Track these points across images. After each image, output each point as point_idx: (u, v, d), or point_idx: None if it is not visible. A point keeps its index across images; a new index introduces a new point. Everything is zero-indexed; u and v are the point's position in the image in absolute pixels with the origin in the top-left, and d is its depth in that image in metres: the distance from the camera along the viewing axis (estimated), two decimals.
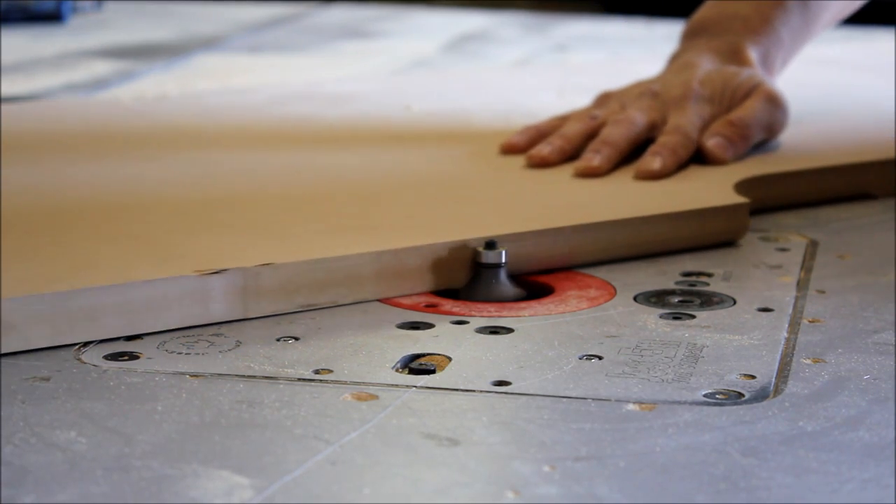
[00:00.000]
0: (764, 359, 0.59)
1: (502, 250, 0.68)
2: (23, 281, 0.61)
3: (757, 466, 0.48)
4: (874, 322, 0.65)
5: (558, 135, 0.88)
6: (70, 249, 0.68)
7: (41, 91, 1.30)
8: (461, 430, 0.51)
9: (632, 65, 1.21)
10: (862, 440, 0.51)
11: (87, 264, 0.65)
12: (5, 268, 0.63)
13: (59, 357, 0.59)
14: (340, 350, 0.60)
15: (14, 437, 0.50)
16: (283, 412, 0.53)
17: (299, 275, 0.65)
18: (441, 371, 0.58)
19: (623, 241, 0.74)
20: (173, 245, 0.69)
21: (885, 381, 0.57)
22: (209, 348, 0.60)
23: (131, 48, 1.64)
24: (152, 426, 0.51)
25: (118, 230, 0.72)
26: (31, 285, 0.61)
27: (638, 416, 0.53)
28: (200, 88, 1.31)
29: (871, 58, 1.39)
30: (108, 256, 0.67)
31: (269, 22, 1.93)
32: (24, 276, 0.62)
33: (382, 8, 2.12)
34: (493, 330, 0.63)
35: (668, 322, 0.64)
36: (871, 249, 0.77)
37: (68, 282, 0.61)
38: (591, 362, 0.59)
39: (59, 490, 0.46)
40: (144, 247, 0.68)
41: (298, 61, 1.58)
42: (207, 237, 0.70)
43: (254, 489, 0.46)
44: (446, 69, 1.48)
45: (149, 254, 0.67)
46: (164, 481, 0.47)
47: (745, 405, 0.54)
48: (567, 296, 0.68)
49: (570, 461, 0.49)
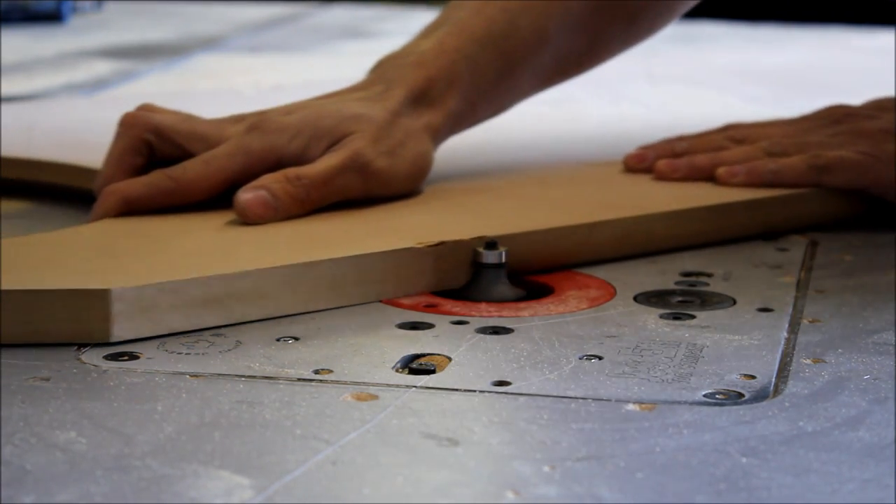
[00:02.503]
0: (764, 359, 0.59)
1: (502, 250, 0.69)
2: (273, 253, 0.66)
3: (757, 466, 0.48)
4: (874, 322, 0.65)
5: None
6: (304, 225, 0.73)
7: (41, 91, 1.31)
8: (461, 430, 0.51)
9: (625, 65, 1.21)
10: (862, 440, 0.51)
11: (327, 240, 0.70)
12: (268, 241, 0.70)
13: (59, 357, 0.59)
14: (340, 350, 0.60)
15: (14, 437, 0.50)
16: (283, 412, 0.53)
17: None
18: (441, 371, 0.58)
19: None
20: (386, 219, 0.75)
21: (885, 381, 0.57)
22: (209, 348, 0.60)
23: (131, 48, 1.64)
24: (152, 426, 0.51)
25: None
26: (279, 257, 0.65)
27: (638, 416, 0.53)
28: (200, 88, 1.32)
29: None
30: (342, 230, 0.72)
31: (269, 22, 1.93)
32: (274, 250, 0.68)
33: (382, 8, 2.12)
34: (493, 330, 0.63)
35: (668, 322, 0.64)
36: (871, 249, 0.77)
37: (310, 254, 0.66)
38: (591, 362, 0.59)
39: (59, 490, 0.46)
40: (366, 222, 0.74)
41: (298, 61, 1.58)
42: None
43: (254, 489, 0.46)
44: None
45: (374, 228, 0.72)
46: (164, 481, 0.47)
47: (745, 405, 0.54)
48: (567, 296, 0.68)
49: (570, 461, 0.49)
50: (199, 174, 0.75)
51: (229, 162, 0.75)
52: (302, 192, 0.74)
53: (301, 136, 0.77)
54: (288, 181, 0.74)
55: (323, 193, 0.75)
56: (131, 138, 0.77)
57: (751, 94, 1.32)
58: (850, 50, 1.57)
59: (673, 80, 1.35)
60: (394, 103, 0.79)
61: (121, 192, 0.75)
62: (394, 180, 0.78)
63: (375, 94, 0.80)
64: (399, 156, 0.78)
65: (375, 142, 0.77)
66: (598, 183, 0.85)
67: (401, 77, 0.81)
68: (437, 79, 0.81)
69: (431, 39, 0.83)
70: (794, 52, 1.67)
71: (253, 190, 0.73)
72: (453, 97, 0.81)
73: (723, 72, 1.47)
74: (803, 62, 1.57)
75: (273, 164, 0.76)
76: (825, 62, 1.56)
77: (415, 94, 0.80)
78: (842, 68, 1.48)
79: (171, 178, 0.75)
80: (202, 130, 0.78)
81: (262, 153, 0.76)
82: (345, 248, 0.67)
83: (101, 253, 0.68)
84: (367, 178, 0.76)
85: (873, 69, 1.42)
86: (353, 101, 0.80)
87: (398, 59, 0.83)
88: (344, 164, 0.75)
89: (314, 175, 0.75)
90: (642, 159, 0.87)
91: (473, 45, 0.82)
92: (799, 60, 1.59)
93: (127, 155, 0.77)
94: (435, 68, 0.81)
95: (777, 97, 1.29)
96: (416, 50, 0.82)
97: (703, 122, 0.95)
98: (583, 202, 0.80)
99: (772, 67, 1.53)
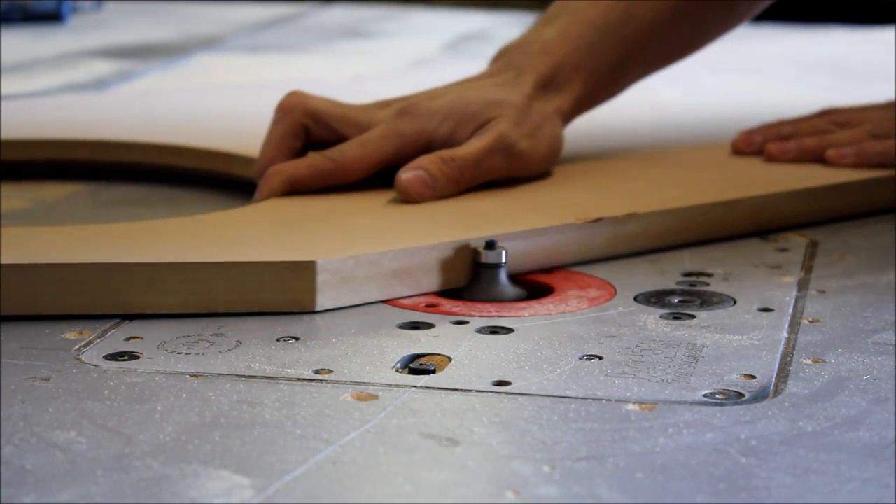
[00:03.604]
0: (764, 359, 0.59)
1: (502, 250, 0.69)
2: (449, 229, 0.71)
3: (757, 466, 0.48)
4: (874, 322, 0.65)
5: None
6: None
7: (41, 91, 1.30)
8: (461, 430, 0.51)
9: None
10: (862, 440, 0.51)
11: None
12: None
13: (59, 357, 0.59)
14: (340, 350, 0.60)
15: (14, 437, 0.50)
16: (283, 412, 0.53)
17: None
18: (441, 371, 0.58)
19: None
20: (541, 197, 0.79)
21: (885, 381, 0.57)
22: (209, 348, 0.60)
23: (131, 48, 1.64)
24: (152, 426, 0.51)
25: None
26: (457, 232, 0.70)
27: (638, 416, 0.53)
28: (200, 88, 1.31)
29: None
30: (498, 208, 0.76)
31: (269, 22, 1.93)
32: (450, 226, 0.72)
33: (382, 8, 2.12)
34: (493, 330, 0.63)
35: (668, 322, 0.64)
36: (871, 249, 0.77)
37: (483, 230, 0.71)
38: (591, 362, 0.59)
39: (59, 490, 0.46)
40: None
41: (298, 61, 1.58)
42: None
43: (254, 489, 0.46)
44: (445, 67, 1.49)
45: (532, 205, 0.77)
46: (164, 481, 0.47)
47: (745, 405, 0.54)
48: (567, 296, 0.68)
49: (570, 461, 0.49)
50: (355, 156, 0.79)
51: (383, 144, 0.80)
52: (456, 173, 0.78)
53: (449, 120, 0.81)
54: (443, 162, 0.78)
55: (474, 174, 0.79)
56: (290, 123, 0.81)
57: (815, 83, 1.32)
58: (879, 43, 1.56)
59: (729, 69, 1.34)
60: (527, 88, 0.83)
61: (286, 172, 0.79)
62: (534, 161, 0.82)
63: (507, 80, 0.84)
64: (538, 138, 0.82)
65: (517, 125, 0.81)
66: (715, 164, 0.89)
67: (529, 64, 0.84)
68: (563, 65, 0.85)
69: (553, 28, 0.86)
70: (827, 46, 1.65)
71: (413, 170, 0.78)
72: (578, 82, 0.85)
73: (775, 62, 1.46)
74: (843, 55, 1.55)
75: (423, 146, 0.80)
76: (864, 55, 1.54)
77: (544, 79, 0.84)
78: (882, 60, 1.46)
79: (331, 159, 0.79)
80: (354, 115, 0.82)
81: (414, 135, 0.80)
82: (513, 223, 0.72)
83: (286, 229, 0.72)
84: (511, 160, 0.81)
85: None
86: (491, 87, 0.83)
87: (522, 47, 0.86)
88: (491, 146, 0.80)
89: (466, 156, 0.79)
90: (751, 142, 0.91)
91: (594, 32, 0.86)
92: (837, 53, 1.57)
93: (287, 138, 0.81)
94: (560, 55, 0.85)
95: (839, 87, 1.28)
96: (540, 38, 0.86)
97: (785, 108, 0.98)
98: (710, 182, 0.84)
99: (818, 59, 1.51)
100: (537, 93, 0.83)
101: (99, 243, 0.68)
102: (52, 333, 0.62)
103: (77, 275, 0.63)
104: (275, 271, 0.64)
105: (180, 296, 0.64)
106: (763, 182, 0.83)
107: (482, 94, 0.82)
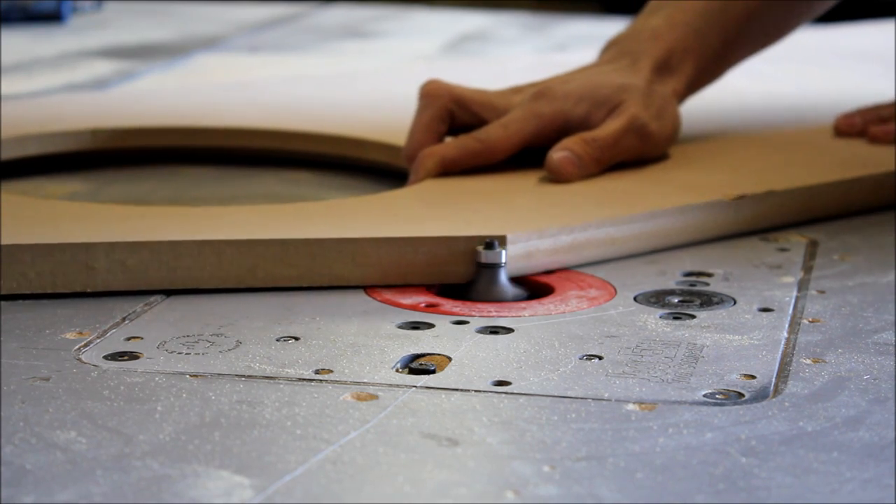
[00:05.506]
0: (764, 359, 0.59)
1: (502, 250, 0.69)
2: (611, 206, 0.76)
3: (757, 466, 0.48)
4: (874, 322, 0.65)
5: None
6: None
7: (41, 91, 1.30)
8: (461, 430, 0.51)
9: None
10: (862, 440, 0.51)
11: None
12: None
13: (59, 357, 0.59)
14: (340, 350, 0.60)
15: (14, 437, 0.50)
16: (283, 412, 0.53)
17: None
18: (441, 371, 0.58)
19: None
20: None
21: (885, 381, 0.57)
22: (209, 348, 0.60)
23: (131, 48, 1.64)
24: (152, 426, 0.51)
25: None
26: (619, 209, 0.75)
27: (638, 416, 0.53)
28: (200, 88, 1.31)
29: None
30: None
31: (269, 22, 1.93)
32: (611, 203, 0.77)
33: (382, 8, 2.12)
34: (493, 330, 0.63)
35: (668, 322, 0.64)
36: (871, 249, 0.77)
37: (637, 208, 0.76)
38: (591, 362, 0.59)
39: (59, 490, 0.46)
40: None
41: (298, 61, 1.58)
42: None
43: (254, 489, 0.46)
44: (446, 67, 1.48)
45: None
46: (164, 481, 0.47)
47: (745, 405, 0.54)
48: (567, 296, 0.68)
49: (570, 461, 0.49)
50: (500, 137, 0.84)
51: (525, 125, 0.84)
52: (598, 153, 0.83)
53: (584, 103, 0.85)
54: (586, 143, 0.83)
55: (612, 154, 0.84)
56: (438, 108, 0.86)
57: (863, 71, 1.32)
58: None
59: (782, 59, 1.34)
60: (646, 73, 0.88)
61: (439, 154, 0.83)
62: (661, 142, 0.87)
63: (625, 66, 0.88)
64: (663, 119, 0.86)
65: (646, 108, 0.85)
66: (823, 146, 0.93)
67: (643, 50, 0.89)
68: (675, 49, 0.89)
69: (660, 16, 0.91)
70: (857, 38, 1.63)
71: (561, 151, 0.82)
72: (689, 65, 0.90)
73: (816, 53, 1.45)
74: (873, 46, 1.53)
75: (559, 127, 0.85)
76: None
77: (659, 63, 0.88)
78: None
79: (479, 140, 0.84)
80: (493, 100, 0.87)
81: (553, 116, 0.85)
82: (666, 201, 0.77)
83: (458, 207, 0.77)
84: (643, 140, 0.85)
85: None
86: (614, 73, 0.88)
87: (632, 36, 0.91)
88: (626, 127, 0.84)
89: (605, 137, 0.83)
90: (853, 125, 0.96)
91: (698, 19, 0.90)
92: (868, 45, 1.55)
93: (434, 122, 0.86)
94: (671, 39, 0.89)
95: (886, 74, 1.27)
96: (648, 26, 0.90)
97: (852, 94, 1.03)
98: (824, 162, 0.87)
99: (853, 50, 1.50)
100: (655, 76, 0.88)
101: (308, 221, 0.74)
102: (53, 333, 0.62)
103: (315, 247, 0.69)
104: (467, 244, 0.69)
105: (381, 268, 0.69)
106: (879, 161, 0.87)
107: (610, 79, 0.87)
